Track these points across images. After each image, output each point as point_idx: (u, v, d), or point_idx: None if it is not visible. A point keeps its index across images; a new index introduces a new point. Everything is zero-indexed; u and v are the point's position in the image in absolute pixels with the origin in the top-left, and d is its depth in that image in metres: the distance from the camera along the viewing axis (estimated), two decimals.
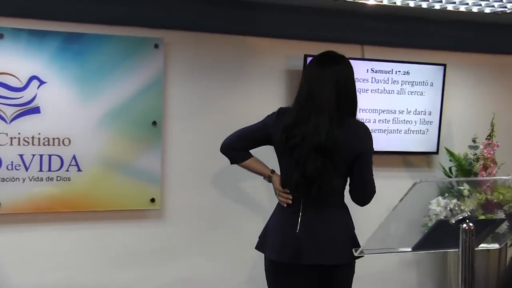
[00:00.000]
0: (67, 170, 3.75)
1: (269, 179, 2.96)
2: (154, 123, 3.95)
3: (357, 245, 2.72)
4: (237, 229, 4.28)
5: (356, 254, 2.61)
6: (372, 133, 2.75)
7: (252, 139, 2.92)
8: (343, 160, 2.65)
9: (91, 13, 3.84)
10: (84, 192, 3.80)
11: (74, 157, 3.77)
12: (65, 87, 3.73)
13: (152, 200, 3.97)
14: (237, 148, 2.98)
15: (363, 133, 2.70)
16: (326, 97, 2.62)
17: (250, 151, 3.00)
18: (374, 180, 2.74)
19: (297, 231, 2.68)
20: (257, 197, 4.33)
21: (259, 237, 2.90)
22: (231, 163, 3.02)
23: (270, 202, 4.36)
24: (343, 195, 2.78)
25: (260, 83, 4.31)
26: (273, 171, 2.95)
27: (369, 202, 2.76)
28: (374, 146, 2.75)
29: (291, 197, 2.75)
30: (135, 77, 3.88)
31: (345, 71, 2.72)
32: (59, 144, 3.74)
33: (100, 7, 3.86)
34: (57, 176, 3.74)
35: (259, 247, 2.88)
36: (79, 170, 3.78)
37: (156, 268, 4.12)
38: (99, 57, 3.78)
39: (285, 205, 2.78)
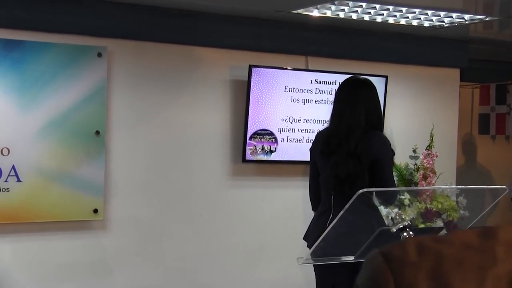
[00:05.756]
0: (6, 181, 3.66)
1: None
2: (97, 132, 3.89)
3: None
4: (180, 239, 4.26)
5: (300, 263, 2.64)
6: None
7: (313, 178, 3.39)
8: (367, 164, 3.13)
9: (31, 20, 3.76)
10: (24, 203, 3.70)
11: (13, 167, 3.67)
12: (3, 95, 3.64)
13: (95, 210, 3.91)
14: (311, 195, 3.43)
15: (380, 143, 3.18)
16: (356, 114, 3.15)
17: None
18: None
19: (327, 225, 3.02)
20: (200, 208, 4.32)
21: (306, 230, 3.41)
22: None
23: (213, 213, 4.36)
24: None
25: (204, 93, 4.31)
26: None
27: (393, 201, 3.30)
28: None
29: None
30: (77, 86, 3.81)
31: (372, 93, 3.25)
32: None
33: (42, 14, 3.79)
34: None
35: (305, 237, 3.36)
36: (18, 180, 3.69)
37: (99, 279, 4.05)
38: (39, 66, 3.70)
39: None
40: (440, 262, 0.61)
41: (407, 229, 2.41)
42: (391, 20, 4.25)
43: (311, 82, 4.49)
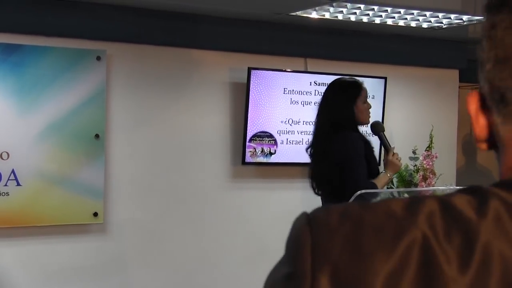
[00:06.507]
0: (5, 185, 3.65)
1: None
2: (97, 136, 3.89)
3: None
4: (180, 242, 4.26)
5: None
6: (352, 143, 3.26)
7: None
8: (334, 165, 3.22)
9: (30, 24, 3.77)
10: (24, 207, 3.70)
11: (13, 171, 3.67)
12: (3, 99, 3.64)
13: (95, 214, 3.91)
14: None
15: (342, 143, 3.23)
16: (324, 116, 3.32)
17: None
18: (359, 182, 3.18)
19: None
20: (200, 210, 4.32)
21: None
22: None
23: (213, 215, 4.36)
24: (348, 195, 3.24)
25: (203, 96, 4.31)
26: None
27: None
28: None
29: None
30: (76, 89, 3.82)
31: (340, 93, 3.34)
32: None
33: (40, 18, 3.79)
34: None
35: None
36: (18, 184, 3.69)
37: (99, 283, 4.04)
38: (38, 69, 3.71)
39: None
40: (358, 228, 0.63)
41: None
42: (389, 21, 4.25)
43: (310, 84, 4.49)
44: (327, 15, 4.08)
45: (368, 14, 4.05)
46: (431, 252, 0.61)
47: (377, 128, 3.57)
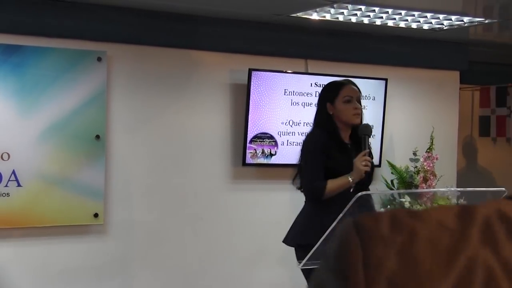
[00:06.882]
0: (6, 186, 3.66)
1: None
2: (98, 137, 3.89)
3: (299, 236, 3.25)
4: (181, 243, 4.26)
5: (299, 266, 2.65)
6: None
7: None
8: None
9: (31, 24, 3.77)
10: (24, 207, 3.70)
11: (13, 172, 3.67)
12: (3, 100, 3.64)
13: (96, 215, 3.91)
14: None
15: (303, 141, 3.37)
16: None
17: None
18: (308, 179, 3.24)
19: (296, 218, 3.41)
20: (200, 211, 4.32)
21: None
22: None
23: (214, 216, 4.36)
24: (304, 192, 3.33)
25: (204, 97, 4.31)
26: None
27: (310, 198, 3.25)
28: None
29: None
30: (77, 90, 3.82)
31: (320, 94, 3.46)
32: None
33: (41, 18, 3.79)
34: None
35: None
36: (19, 185, 3.69)
37: (99, 284, 4.05)
38: (39, 70, 3.71)
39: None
40: (412, 239, 0.60)
41: None
42: (390, 23, 4.25)
43: (311, 85, 4.49)
44: (328, 17, 4.09)
45: (369, 16, 4.05)
46: (491, 270, 0.58)
47: (361, 131, 3.50)
